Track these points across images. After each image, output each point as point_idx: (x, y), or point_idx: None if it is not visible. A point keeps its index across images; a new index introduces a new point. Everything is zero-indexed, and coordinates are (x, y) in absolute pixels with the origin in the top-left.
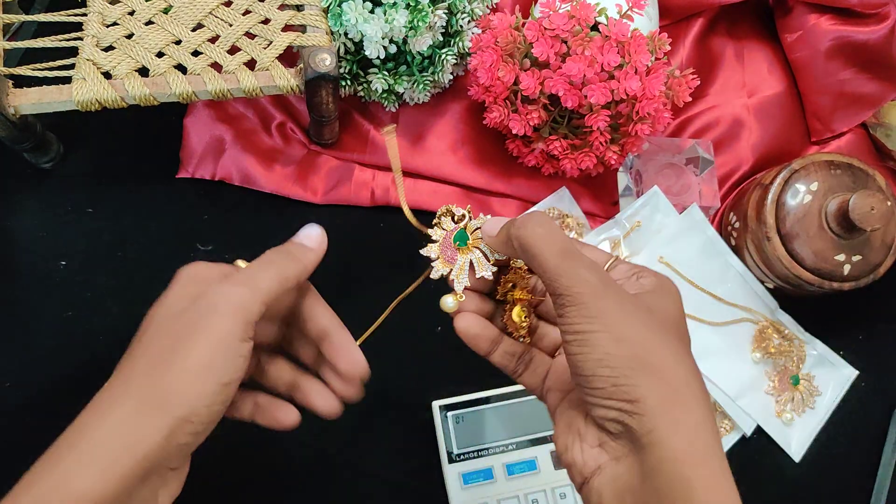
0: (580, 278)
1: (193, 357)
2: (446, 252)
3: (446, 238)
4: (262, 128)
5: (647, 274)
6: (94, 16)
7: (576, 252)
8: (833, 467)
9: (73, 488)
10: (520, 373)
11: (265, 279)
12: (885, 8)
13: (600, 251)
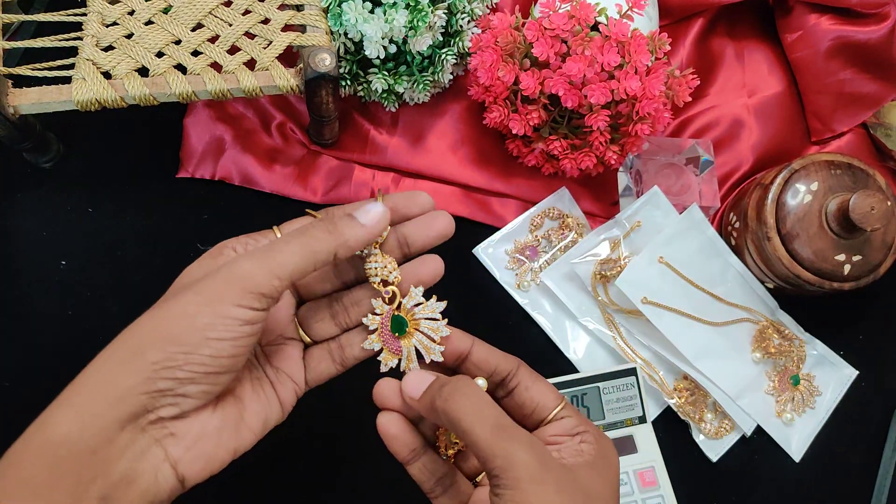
0: (517, 461)
1: (178, 307)
2: (388, 341)
3: (383, 325)
4: (261, 128)
5: (590, 438)
6: (94, 16)
7: (511, 428)
8: (833, 467)
9: (51, 433)
10: (436, 494)
11: (284, 254)
12: (885, 8)
13: (549, 390)
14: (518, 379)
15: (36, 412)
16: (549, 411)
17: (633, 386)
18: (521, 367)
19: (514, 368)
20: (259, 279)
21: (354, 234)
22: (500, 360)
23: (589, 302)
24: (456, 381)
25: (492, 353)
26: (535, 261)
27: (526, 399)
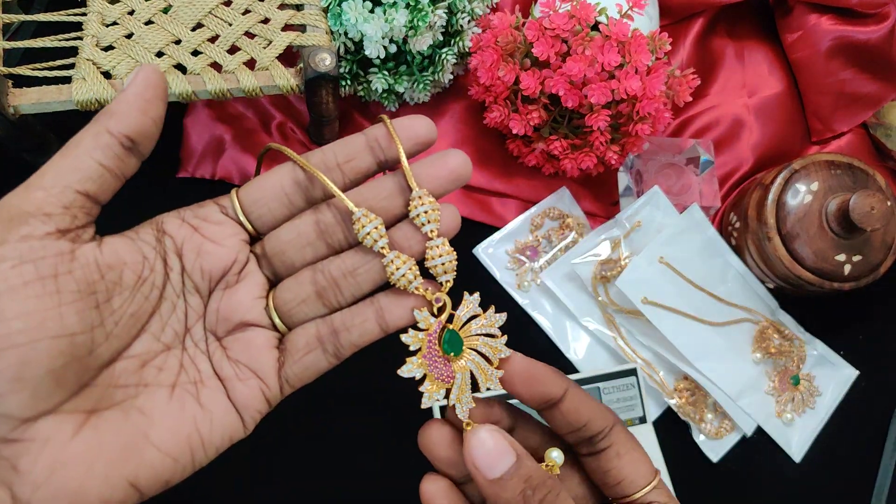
0: None
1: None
2: (436, 365)
3: (431, 344)
4: (262, 127)
5: None
6: (94, 15)
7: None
8: (833, 467)
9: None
10: None
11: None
12: (886, 8)
13: (643, 463)
14: (611, 441)
15: None
16: (636, 489)
17: (634, 386)
18: (617, 428)
19: (608, 427)
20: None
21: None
22: (594, 415)
23: (589, 302)
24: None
25: (585, 405)
26: (536, 261)
27: (613, 468)
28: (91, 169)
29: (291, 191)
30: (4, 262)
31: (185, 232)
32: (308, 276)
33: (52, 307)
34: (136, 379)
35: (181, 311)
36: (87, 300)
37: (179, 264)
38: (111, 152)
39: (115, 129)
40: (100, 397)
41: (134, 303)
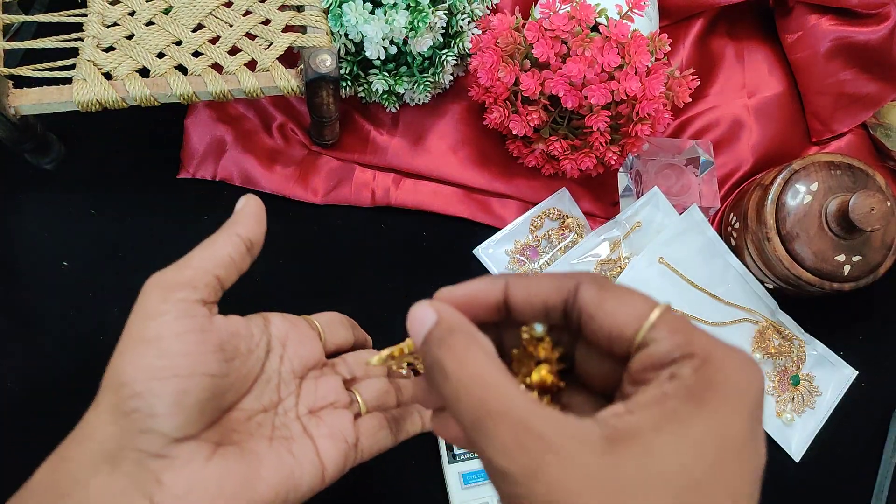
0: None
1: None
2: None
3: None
4: (262, 128)
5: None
6: (95, 16)
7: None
8: (833, 467)
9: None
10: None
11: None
12: (885, 8)
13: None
14: (579, 305)
15: (37, 413)
16: (628, 340)
17: None
18: (583, 287)
19: (570, 292)
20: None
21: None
22: (547, 290)
23: None
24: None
25: (534, 284)
26: (536, 261)
27: (594, 331)
28: (224, 259)
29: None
30: (169, 314)
31: (288, 326)
32: (386, 381)
33: (203, 353)
34: (244, 427)
35: (275, 384)
36: (221, 354)
37: (281, 349)
38: (237, 250)
39: (242, 233)
40: (223, 434)
41: (245, 367)
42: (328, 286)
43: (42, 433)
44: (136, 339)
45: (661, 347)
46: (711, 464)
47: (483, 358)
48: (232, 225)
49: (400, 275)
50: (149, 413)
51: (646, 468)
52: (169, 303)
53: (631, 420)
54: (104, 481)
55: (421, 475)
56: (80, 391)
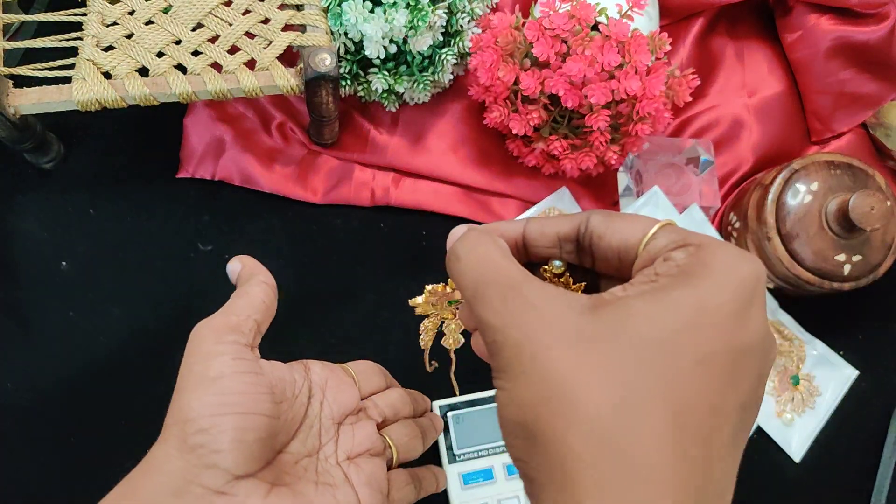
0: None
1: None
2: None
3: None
4: (262, 128)
5: (687, 252)
6: (94, 16)
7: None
8: (833, 467)
9: None
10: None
11: (235, 305)
12: (885, 8)
13: (631, 224)
14: (589, 232)
15: (37, 412)
16: (634, 249)
17: None
18: (594, 217)
19: (582, 224)
20: (220, 323)
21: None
22: (559, 225)
23: None
24: (473, 229)
25: (550, 220)
26: None
27: (603, 249)
28: (260, 305)
29: (381, 373)
30: (227, 354)
31: (328, 373)
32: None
33: (258, 393)
34: (293, 470)
35: (316, 429)
36: (272, 396)
37: (321, 394)
38: (268, 295)
39: (267, 280)
40: (277, 475)
41: (292, 411)
42: (328, 286)
43: (41, 433)
44: (199, 378)
45: (660, 242)
46: (685, 325)
47: (492, 245)
48: (254, 275)
49: (399, 275)
50: (213, 448)
51: (617, 322)
52: (224, 344)
53: (619, 292)
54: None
55: None
56: (79, 390)
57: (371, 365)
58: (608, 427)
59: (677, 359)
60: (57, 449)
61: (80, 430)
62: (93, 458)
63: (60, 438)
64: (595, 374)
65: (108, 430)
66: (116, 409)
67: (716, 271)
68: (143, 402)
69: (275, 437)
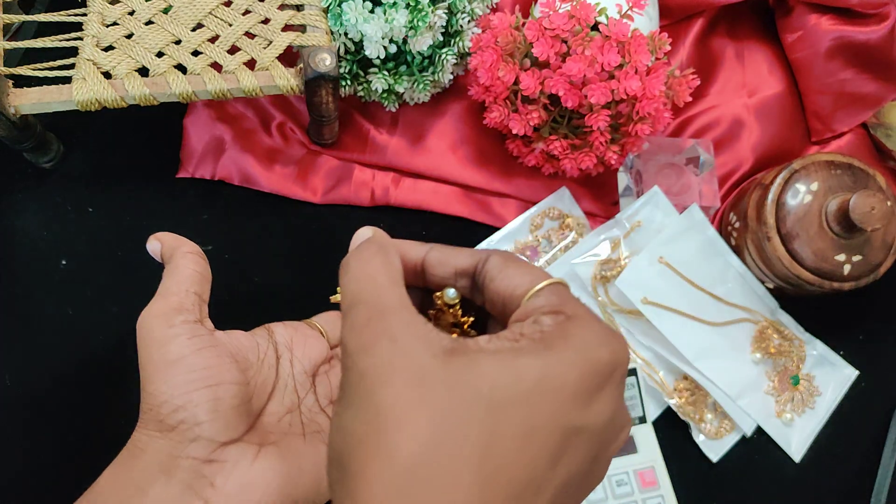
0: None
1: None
2: None
3: None
4: (261, 128)
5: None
6: (94, 16)
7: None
8: (833, 467)
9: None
10: None
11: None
12: (886, 8)
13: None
14: (484, 272)
15: (36, 411)
16: (518, 300)
17: (634, 386)
18: (493, 258)
19: (480, 262)
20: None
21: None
22: (459, 258)
23: (589, 302)
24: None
25: (452, 253)
26: (536, 261)
27: (492, 292)
28: (193, 276)
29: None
30: (181, 336)
31: (290, 331)
32: None
33: (224, 364)
34: (277, 428)
35: (292, 386)
36: (236, 364)
37: (289, 353)
38: (197, 263)
39: (189, 249)
40: (262, 437)
41: (261, 375)
42: (327, 286)
43: (41, 431)
44: (161, 364)
45: (538, 302)
46: (521, 395)
47: (382, 264)
48: (176, 249)
49: None
50: (194, 422)
51: (463, 375)
52: (174, 327)
53: (482, 343)
54: (162, 489)
55: None
56: (77, 388)
57: (334, 314)
58: (411, 479)
59: (502, 426)
60: (55, 446)
61: (78, 427)
62: (91, 456)
63: (59, 436)
64: (418, 422)
65: (107, 427)
66: (115, 406)
67: (573, 348)
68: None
69: (249, 401)
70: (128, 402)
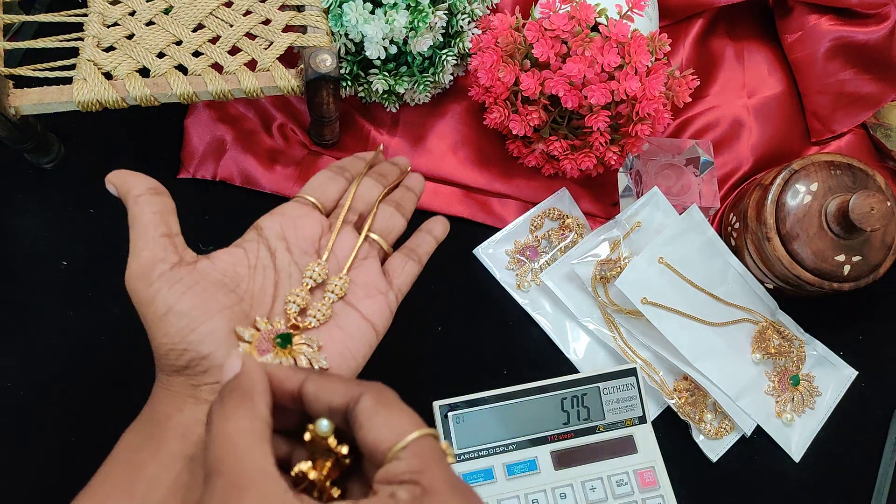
0: None
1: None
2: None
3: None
4: (262, 128)
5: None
6: (95, 16)
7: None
8: (833, 467)
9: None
10: None
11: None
12: (886, 8)
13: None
14: (356, 412)
15: (36, 411)
16: (382, 455)
17: (634, 386)
18: (365, 398)
19: (353, 400)
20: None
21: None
22: (333, 396)
23: (589, 302)
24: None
25: (326, 386)
26: (536, 261)
27: (360, 439)
28: (153, 219)
29: (333, 175)
30: (162, 288)
31: (278, 219)
32: (384, 205)
33: (210, 295)
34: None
35: (296, 274)
36: (223, 289)
37: (283, 243)
38: (152, 203)
39: (138, 190)
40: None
41: (256, 282)
42: None
43: (42, 431)
44: (154, 320)
45: (399, 467)
46: None
47: (246, 420)
48: (127, 194)
49: None
50: (200, 357)
51: None
52: (154, 283)
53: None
54: (192, 409)
55: None
56: (78, 390)
57: (324, 174)
58: None
59: None
60: (57, 447)
61: (80, 428)
62: (93, 457)
63: (60, 437)
64: None
65: (108, 428)
66: (116, 407)
67: None
68: (144, 400)
69: (248, 314)
70: (128, 402)
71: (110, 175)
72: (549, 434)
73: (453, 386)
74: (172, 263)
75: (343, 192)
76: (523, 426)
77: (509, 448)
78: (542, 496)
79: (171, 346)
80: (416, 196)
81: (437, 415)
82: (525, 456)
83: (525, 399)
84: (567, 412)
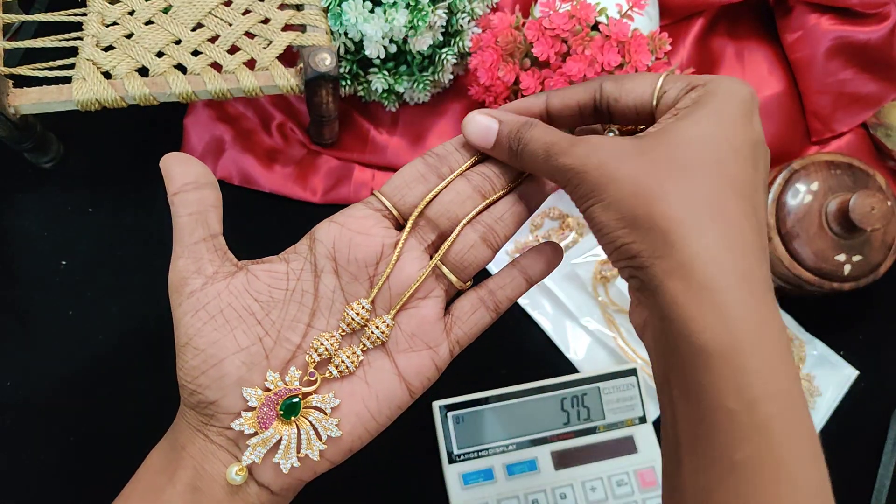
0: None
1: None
2: (266, 424)
3: (269, 403)
4: (261, 128)
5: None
6: (94, 15)
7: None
8: (833, 467)
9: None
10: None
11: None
12: (886, 8)
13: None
14: (605, 94)
15: (36, 410)
16: (648, 102)
17: (634, 386)
18: (605, 83)
19: (596, 90)
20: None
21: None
22: (577, 94)
23: (589, 302)
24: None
25: (568, 92)
26: None
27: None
28: (187, 225)
29: (425, 171)
30: (187, 314)
31: (334, 232)
32: (469, 229)
33: (226, 334)
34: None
35: (339, 303)
36: (248, 320)
37: (332, 265)
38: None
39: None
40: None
41: (289, 312)
42: None
43: (41, 431)
44: (178, 347)
45: (672, 93)
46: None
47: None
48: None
49: None
50: (207, 402)
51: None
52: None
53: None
54: (201, 445)
55: (421, 475)
56: (78, 389)
57: (414, 167)
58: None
59: (718, 149)
60: (57, 447)
61: (79, 427)
62: (93, 456)
63: (60, 436)
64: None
65: (109, 427)
66: (116, 406)
67: (722, 95)
68: (143, 399)
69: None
70: (128, 403)
71: (161, 162)
72: (550, 434)
73: (453, 386)
74: (207, 277)
75: (427, 194)
76: (523, 426)
77: (509, 448)
78: (542, 496)
79: (184, 382)
80: (517, 222)
81: (437, 415)
82: (525, 456)
83: (525, 399)
84: (567, 412)
